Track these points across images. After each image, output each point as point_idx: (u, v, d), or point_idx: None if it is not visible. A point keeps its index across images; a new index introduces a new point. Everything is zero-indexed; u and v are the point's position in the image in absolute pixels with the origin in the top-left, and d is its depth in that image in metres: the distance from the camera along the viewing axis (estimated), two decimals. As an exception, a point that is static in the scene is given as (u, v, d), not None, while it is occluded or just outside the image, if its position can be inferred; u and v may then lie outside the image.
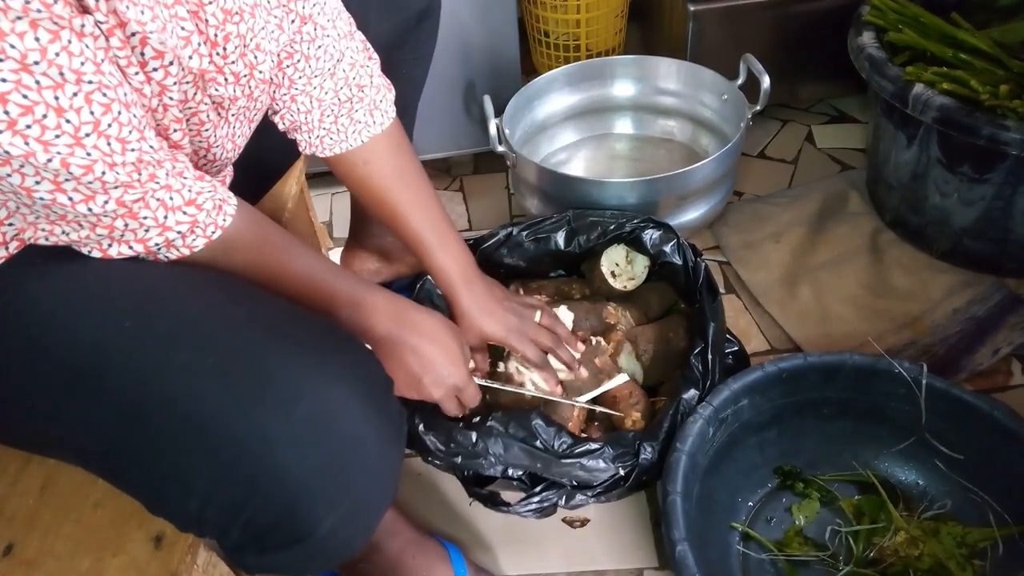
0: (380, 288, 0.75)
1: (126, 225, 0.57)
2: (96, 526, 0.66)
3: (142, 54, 0.55)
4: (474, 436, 0.85)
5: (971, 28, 1.14)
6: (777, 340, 1.19)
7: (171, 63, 0.57)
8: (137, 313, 0.57)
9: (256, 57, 0.66)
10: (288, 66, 0.75)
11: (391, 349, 0.74)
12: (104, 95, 0.51)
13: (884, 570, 0.87)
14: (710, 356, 0.92)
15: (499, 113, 1.26)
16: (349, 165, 0.83)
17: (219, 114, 0.67)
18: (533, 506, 0.87)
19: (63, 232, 0.57)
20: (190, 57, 0.59)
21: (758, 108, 1.24)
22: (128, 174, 0.54)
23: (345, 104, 0.79)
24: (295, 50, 0.74)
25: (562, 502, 0.87)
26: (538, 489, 0.87)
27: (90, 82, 0.50)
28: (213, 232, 0.62)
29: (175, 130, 0.62)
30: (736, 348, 1.02)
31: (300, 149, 0.82)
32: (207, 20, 0.60)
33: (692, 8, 1.37)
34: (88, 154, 0.51)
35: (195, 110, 0.64)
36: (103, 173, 0.52)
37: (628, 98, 1.46)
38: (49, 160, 0.49)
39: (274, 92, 0.76)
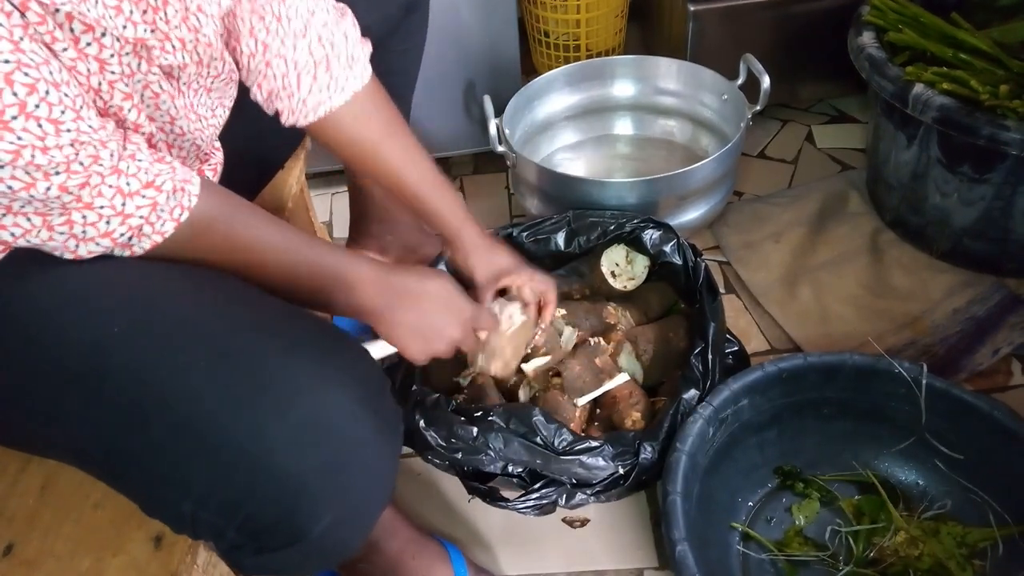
0: (362, 259, 0.73)
1: (84, 218, 0.55)
2: (96, 526, 0.66)
3: (71, 30, 0.53)
4: (475, 431, 0.85)
5: (971, 28, 1.14)
6: (777, 340, 1.19)
7: (103, 35, 0.55)
8: (135, 314, 0.57)
9: (199, 20, 0.64)
10: (260, 30, 0.73)
11: (389, 320, 0.73)
12: (27, 74, 0.49)
13: (884, 570, 0.87)
14: (710, 356, 0.92)
15: (499, 113, 1.26)
16: (335, 126, 0.80)
17: (172, 84, 0.65)
18: (532, 502, 0.87)
19: (12, 234, 0.55)
20: (124, 27, 0.56)
21: (758, 108, 1.24)
22: (65, 156, 0.51)
23: (321, 63, 0.76)
24: (265, 12, 0.72)
25: (562, 500, 0.87)
26: (537, 485, 0.87)
27: (7, 61, 0.47)
28: (180, 214, 0.59)
29: (129, 108, 0.60)
30: (736, 348, 1.02)
31: (283, 120, 0.80)
32: None
33: (692, 8, 1.37)
34: (19, 138, 0.49)
35: (145, 82, 0.62)
36: (33, 157, 0.50)
37: (628, 98, 1.46)
38: None
39: (248, 62, 0.75)
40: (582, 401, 0.96)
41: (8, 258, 0.59)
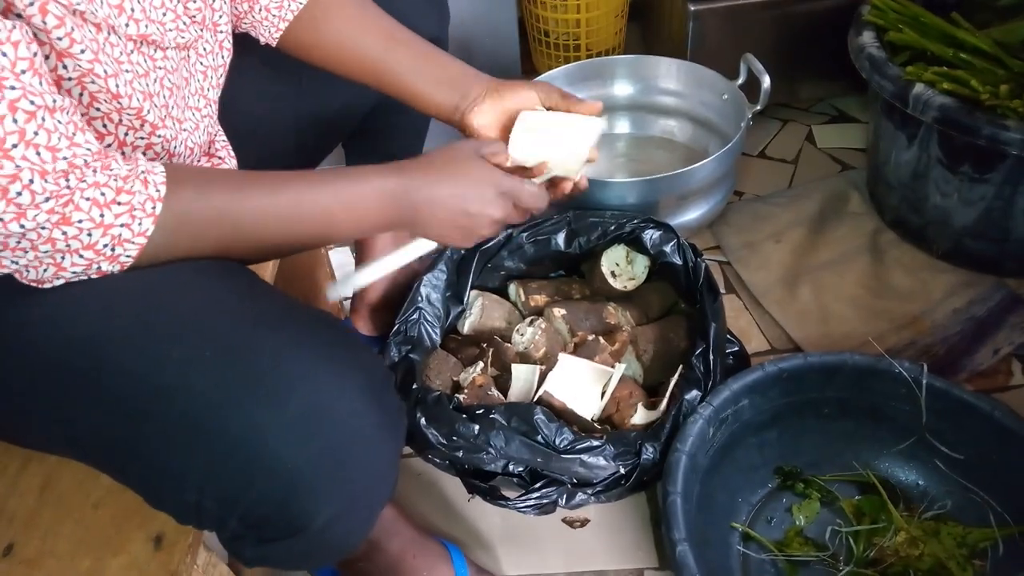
0: (367, 175, 0.69)
1: (65, 234, 0.53)
2: (96, 526, 0.66)
3: (89, 31, 0.53)
4: (476, 429, 0.85)
5: (971, 28, 1.14)
6: (777, 340, 1.19)
7: (109, 34, 0.55)
8: (134, 308, 0.57)
9: None
10: None
11: (421, 226, 0.73)
12: (32, 102, 0.49)
13: (885, 570, 0.87)
14: (711, 356, 0.92)
15: (499, 113, 1.26)
16: (310, 25, 0.79)
17: (186, 67, 0.65)
18: (532, 502, 0.87)
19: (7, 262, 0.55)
20: (127, 25, 0.56)
21: (758, 108, 1.24)
22: (56, 181, 0.51)
23: None
24: None
25: (562, 500, 0.87)
26: (538, 485, 0.86)
27: (13, 88, 0.47)
28: (154, 207, 0.56)
29: (148, 110, 0.59)
30: (736, 348, 1.01)
31: (263, 40, 0.79)
32: None
33: (692, 8, 1.37)
34: (17, 166, 0.49)
35: (158, 76, 0.62)
36: (31, 181, 0.50)
37: (628, 98, 1.46)
38: None
39: None
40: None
41: None
